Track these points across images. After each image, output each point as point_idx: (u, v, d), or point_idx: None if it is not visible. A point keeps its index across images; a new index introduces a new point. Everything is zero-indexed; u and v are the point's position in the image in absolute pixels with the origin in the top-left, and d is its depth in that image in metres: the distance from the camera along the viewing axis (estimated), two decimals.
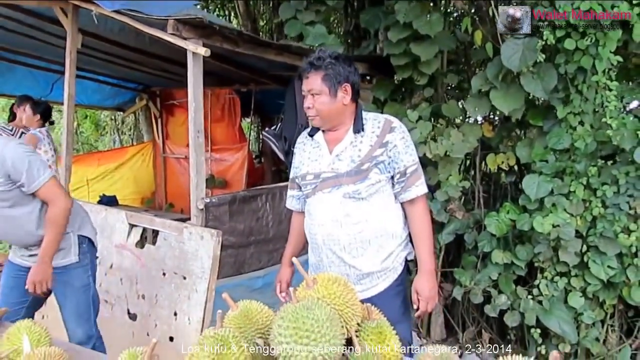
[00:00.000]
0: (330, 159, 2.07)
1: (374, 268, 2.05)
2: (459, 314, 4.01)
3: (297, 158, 2.23)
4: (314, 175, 2.10)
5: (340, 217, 2.03)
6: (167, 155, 7.00)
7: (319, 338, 1.08)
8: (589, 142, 3.16)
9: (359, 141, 2.05)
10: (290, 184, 2.32)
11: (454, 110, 3.75)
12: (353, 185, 2.01)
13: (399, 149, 2.04)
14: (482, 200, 3.92)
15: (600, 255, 3.20)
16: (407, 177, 2.06)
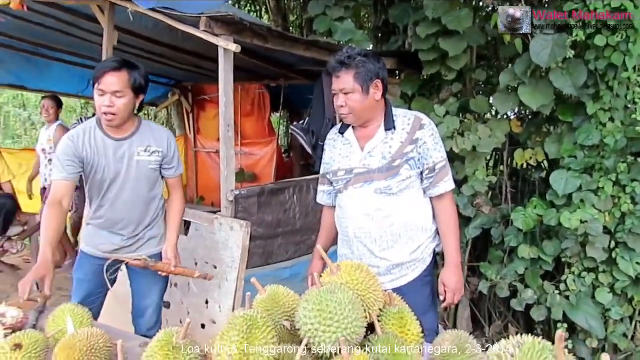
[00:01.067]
0: (362, 155, 2.12)
1: (403, 259, 2.12)
2: (485, 308, 4.02)
3: (327, 155, 2.28)
4: (345, 171, 2.15)
5: (372, 211, 2.09)
6: (198, 149, 7.14)
7: (341, 320, 1.14)
8: (618, 139, 3.13)
9: (390, 138, 2.10)
10: (321, 179, 2.36)
11: (482, 106, 3.75)
12: (385, 181, 2.07)
13: (428, 145, 2.09)
14: (509, 195, 3.92)
15: (629, 251, 3.18)
16: (436, 173, 2.12)
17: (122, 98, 2.19)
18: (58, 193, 2.22)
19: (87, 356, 1.37)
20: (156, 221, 2.49)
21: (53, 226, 2.15)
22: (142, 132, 2.35)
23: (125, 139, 2.31)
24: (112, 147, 2.29)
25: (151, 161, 2.36)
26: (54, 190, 2.25)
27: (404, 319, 1.34)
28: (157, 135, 2.38)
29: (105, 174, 2.30)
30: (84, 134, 2.28)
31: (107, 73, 2.17)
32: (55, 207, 2.18)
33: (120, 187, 2.33)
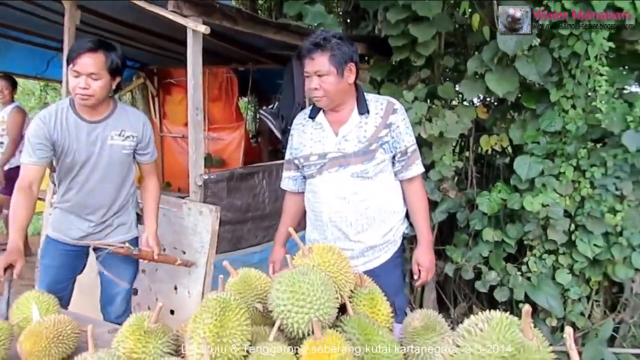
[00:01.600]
0: (337, 139, 2.12)
1: (376, 242, 2.17)
2: (450, 290, 4.12)
3: (295, 139, 2.25)
4: (318, 155, 2.15)
5: (348, 195, 2.11)
6: (164, 134, 7.02)
7: (314, 301, 1.16)
8: (580, 125, 3.23)
9: (364, 122, 2.11)
10: (287, 165, 2.34)
11: (450, 92, 3.80)
12: (361, 164, 2.09)
13: (401, 129, 2.14)
14: (474, 180, 4.00)
15: (587, 234, 3.30)
16: (408, 156, 2.17)
17: (98, 80, 2.13)
18: (27, 177, 2.16)
19: (55, 343, 1.34)
20: (126, 207, 2.46)
21: (23, 211, 2.10)
22: (117, 115, 2.30)
23: (99, 122, 2.25)
24: (85, 130, 2.23)
25: (125, 146, 2.31)
26: (22, 174, 2.18)
27: (374, 300, 1.37)
28: (132, 119, 2.33)
29: (76, 157, 2.24)
30: (56, 115, 2.21)
31: (83, 54, 2.09)
32: (25, 192, 2.13)
33: (90, 170, 2.28)
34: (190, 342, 1.11)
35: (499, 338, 0.78)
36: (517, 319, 0.82)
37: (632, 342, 3.57)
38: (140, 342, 1.20)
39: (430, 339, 1.23)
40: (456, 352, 0.81)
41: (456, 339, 0.83)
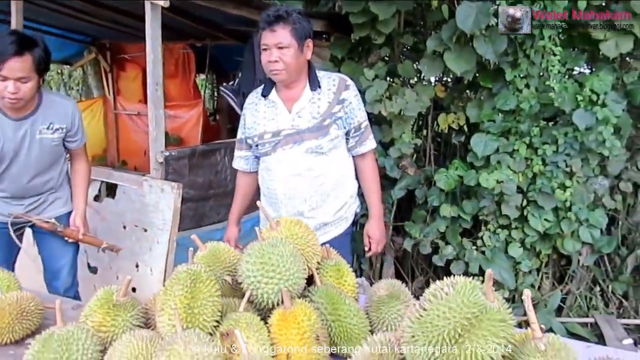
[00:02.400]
0: (290, 116, 2.13)
1: (329, 218, 2.22)
2: (408, 265, 4.23)
3: (249, 119, 2.25)
4: (272, 133, 2.15)
5: (303, 171, 2.13)
6: (118, 111, 6.82)
7: (283, 272, 1.18)
8: (533, 104, 3.35)
9: (317, 98, 2.13)
10: (239, 144, 2.33)
11: (409, 70, 3.85)
12: (315, 140, 2.11)
13: (353, 105, 2.17)
14: (432, 157, 4.10)
15: (538, 209, 3.45)
16: (362, 131, 2.22)
17: (28, 82, 2.06)
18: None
19: (18, 320, 1.33)
20: (61, 184, 2.46)
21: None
22: (45, 107, 2.23)
23: (26, 118, 2.20)
24: (12, 128, 2.18)
25: (54, 138, 2.28)
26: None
27: (340, 271, 1.40)
28: (60, 110, 2.28)
29: (4, 152, 2.20)
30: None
31: (9, 59, 1.98)
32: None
33: (21, 163, 2.26)
34: (161, 313, 1.11)
35: (463, 301, 0.82)
36: (480, 283, 0.87)
37: (578, 311, 3.78)
38: (109, 315, 1.20)
39: (394, 307, 1.28)
40: (423, 314, 0.85)
41: (423, 302, 0.87)
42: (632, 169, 3.57)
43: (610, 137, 3.19)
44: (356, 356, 0.94)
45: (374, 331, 1.24)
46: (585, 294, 3.80)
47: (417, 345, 0.83)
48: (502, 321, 0.82)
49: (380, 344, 0.93)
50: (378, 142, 3.87)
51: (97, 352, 1.11)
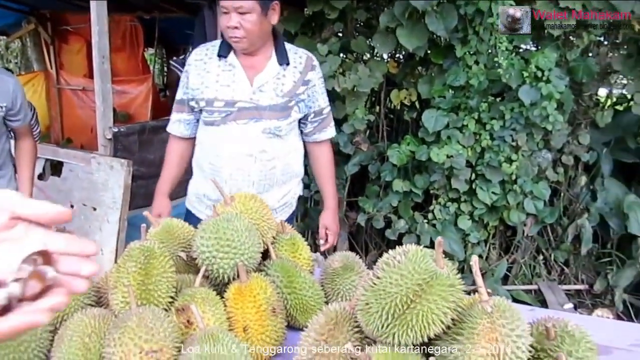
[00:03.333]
0: (251, 88, 1.95)
1: (275, 205, 2.08)
2: (362, 239, 4.31)
3: (194, 78, 1.99)
4: (225, 102, 1.94)
5: (256, 153, 1.97)
6: (61, 86, 6.54)
7: (239, 246, 1.18)
8: (482, 80, 3.43)
9: (282, 75, 1.97)
10: (179, 106, 2.08)
11: (362, 46, 3.87)
12: (276, 121, 1.96)
13: (317, 88, 2.05)
14: (385, 133, 4.15)
15: (486, 182, 3.57)
16: (324, 117, 2.11)
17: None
18: None
19: None
20: (1, 162, 2.36)
21: None
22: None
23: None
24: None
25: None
26: None
27: (295, 245, 1.42)
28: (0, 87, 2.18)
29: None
30: None
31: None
32: None
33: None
34: (114, 291, 1.10)
35: (414, 268, 0.85)
36: (431, 251, 0.90)
37: (523, 279, 3.97)
38: None
39: (348, 278, 1.30)
40: (376, 282, 0.87)
41: (376, 271, 0.89)
42: (573, 143, 3.73)
43: (554, 112, 3.31)
44: (312, 326, 0.96)
45: (329, 302, 1.27)
46: (530, 262, 3.99)
47: (371, 312, 0.86)
48: (451, 286, 0.85)
49: (335, 313, 0.96)
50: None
51: (47, 332, 1.09)
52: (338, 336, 0.92)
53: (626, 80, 3.79)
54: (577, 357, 0.89)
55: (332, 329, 0.93)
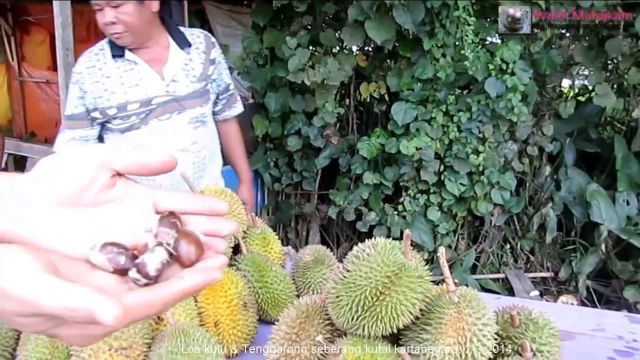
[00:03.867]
0: (164, 82, 1.84)
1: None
2: (334, 232, 4.34)
3: (92, 87, 1.81)
4: (140, 102, 1.81)
5: (187, 145, 1.90)
6: (24, 79, 6.35)
7: None
8: (449, 73, 3.48)
9: (189, 59, 1.89)
10: (71, 122, 1.86)
11: (331, 39, 3.87)
12: (200, 107, 1.90)
13: (222, 65, 2.00)
14: (355, 126, 4.18)
15: (454, 174, 3.64)
16: (231, 93, 2.08)
17: None
18: None
19: None
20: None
21: None
22: None
23: None
24: None
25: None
26: None
27: (266, 239, 1.42)
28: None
29: None
30: None
31: None
32: None
33: None
34: None
35: (383, 260, 0.86)
36: (399, 243, 0.91)
37: (491, 268, 4.06)
38: None
39: (320, 271, 1.31)
40: (346, 275, 0.88)
41: (346, 264, 0.90)
42: (537, 134, 3.82)
43: (518, 104, 3.39)
44: (283, 319, 0.97)
45: (300, 295, 1.27)
46: (497, 251, 4.08)
47: (341, 305, 0.87)
48: (419, 277, 0.87)
49: (307, 306, 0.96)
50: (302, 111, 3.90)
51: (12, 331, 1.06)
52: (309, 329, 0.93)
53: (587, 71, 3.90)
54: (540, 344, 0.92)
55: (303, 322, 0.94)
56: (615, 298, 3.71)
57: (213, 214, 0.48)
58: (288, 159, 4.22)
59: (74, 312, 0.36)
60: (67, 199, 0.44)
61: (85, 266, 0.43)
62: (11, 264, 0.37)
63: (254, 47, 3.94)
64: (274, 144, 4.25)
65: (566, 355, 0.96)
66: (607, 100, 3.52)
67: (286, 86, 3.94)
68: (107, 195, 0.46)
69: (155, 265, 0.42)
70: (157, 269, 0.42)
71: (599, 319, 1.32)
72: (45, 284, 0.36)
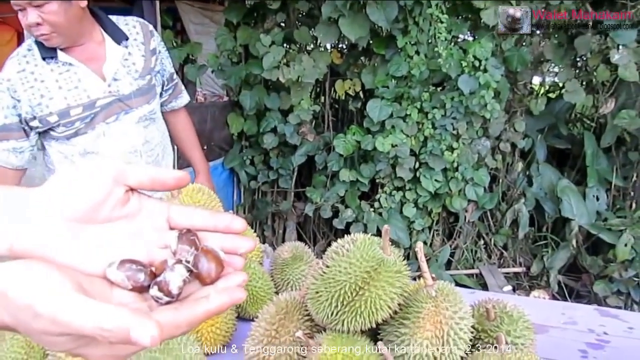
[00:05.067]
0: (105, 82, 1.72)
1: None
2: (310, 229, 4.34)
3: (26, 94, 1.64)
4: (82, 106, 1.69)
5: (140, 146, 1.82)
6: None
7: None
8: (422, 70, 3.51)
9: (128, 53, 1.77)
10: (4, 134, 1.68)
11: (306, 37, 3.87)
12: (148, 105, 1.81)
13: (163, 54, 1.91)
14: (331, 123, 4.18)
15: (429, 170, 3.67)
16: (175, 83, 2.01)
17: None
18: None
19: None
20: None
21: None
22: None
23: None
24: None
25: None
26: None
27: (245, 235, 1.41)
28: None
29: None
30: None
31: None
32: None
33: None
34: None
35: (362, 255, 0.87)
36: (378, 239, 0.92)
37: (465, 264, 4.12)
38: None
39: (298, 268, 1.31)
40: (326, 271, 0.88)
41: (325, 260, 0.91)
42: (510, 130, 3.89)
43: (491, 101, 3.44)
44: (262, 316, 0.96)
45: (279, 292, 1.27)
46: (471, 247, 4.14)
47: (321, 300, 0.87)
48: (398, 272, 0.88)
49: (286, 302, 0.96)
50: (277, 109, 3.88)
51: None
52: (289, 325, 0.93)
53: (557, 68, 3.98)
54: (515, 336, 0.94)
55: (282, 318, 0.94)
56: (586, 292, 3.80)
57: (230, 231, 0.47)
58: (264, 156, 4.20)
59: (109, 333, 0.35)
60: (82, 215, 0.43)
61: (104, 283, 0.42)
62: (40, 282, 0.37)
63: (228, 45, 3.91)
64: (249, 141, 4.22)
65: (539, 348, 0.98)
66: (576, 96, 3.60)
67: (261, 84, 3.92)
68: (122, 211, 0.45)
69: (178, 284, 0.42)
70: (180, 287, 0.42)
71: (570, 312, 1.36)
72: (77, 304, 0.36)
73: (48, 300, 0.36)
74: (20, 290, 0.36)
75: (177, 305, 0.41)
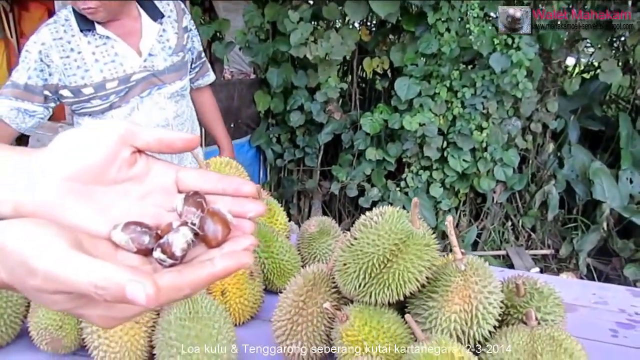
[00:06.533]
0: (141, 57, 1.77)
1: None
2: (336, 208, 4.34)
3: (61, 61, 1.67)
4: (119, 80, 1.74)
5: (171, 120, 1.87)
6: None
7: None
8: (453, 48, 3.44)
9: (163, 30, 1.83)
10: (25, 93, 1.67)
11: (334, 13, 3.81)
12: (180, 81, 1.87)
13: (194, 32, 1.97)
14: (358, 102, 4.15)
15: (457, 150, 3.62)
16: (203, 60, 2.05)
17: None
18: None
19: None
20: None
21: None
22: None
23: None
24: None
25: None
26: None
27: (272, 210, 1.42)
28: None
29: None
30: None
31: None
32: None
33: None
34: None
35: (391, 228, 0.86)
36: (407, 212, 0.91)
37: (492, 245, 4.07)
38: None
39: (325, 242, 1.32)
40: (354, 243, 0.88)
41: (353, 232, 0.90)
42: (541, 111, 3.80)
43: (523, 80, 3.35)
44: (290, 287, 0.97)
45: (305, 266, 1.28)
46: (499, 228, 4.09)
47: (348, 272, 0.87)
48: (426, 245, 0.87)
49: (313, 275, 0.97)
50: (304, 86, 3.87)
51: (23, 298, 1.07)
52: (316, 297, 0.94)
53: (593, 48, 3.86)
54: (545, 313, 0.93)
55: (310, 290, 0.94)
56: (615, 276, 3.73)
57: (239, 195, 0.46)
58: (290, 134, 4.20)
59: (103, 290, 0.35)
60: (87, 176, 0.43)
61: (109, 245, 0.42)
62: (37, 238, 0.36)
63: (256, 22, 3.89)
64: (276, 119, 4.23)
65: (569, 327, 0.96)
66: (613, 77, 3.49)
67: (288, 61, 3.91)
68: (129, 173, 0.45)
69: (181, 246, 0.41)
70: (183, 249, 0.41)
71: (601, 292, 1.33)
72: (73, 260, 0.35)
73: (42, 255, 0.35)
74: (16, 245, 0.36)
75: (180, 268, 0.40)
